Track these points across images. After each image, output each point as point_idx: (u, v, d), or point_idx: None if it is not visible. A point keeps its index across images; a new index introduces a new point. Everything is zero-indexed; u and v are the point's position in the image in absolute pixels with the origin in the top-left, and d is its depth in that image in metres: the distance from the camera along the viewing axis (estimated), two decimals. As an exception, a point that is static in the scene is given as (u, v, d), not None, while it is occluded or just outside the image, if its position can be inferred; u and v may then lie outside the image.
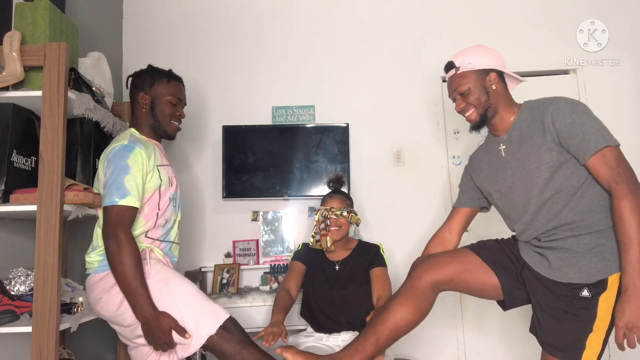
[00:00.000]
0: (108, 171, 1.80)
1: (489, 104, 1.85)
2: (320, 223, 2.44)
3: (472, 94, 1.86)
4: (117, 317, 1.79)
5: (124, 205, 1.75)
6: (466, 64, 1.87)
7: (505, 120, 1.86)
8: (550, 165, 1.69)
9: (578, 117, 1.65)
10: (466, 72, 1.87)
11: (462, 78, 1.88)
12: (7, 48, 1.80)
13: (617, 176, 1.59)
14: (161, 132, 2.03)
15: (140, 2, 3.46)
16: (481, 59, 1.87)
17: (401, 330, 1.81)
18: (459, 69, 1.89)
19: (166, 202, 1.93)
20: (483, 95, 1.85)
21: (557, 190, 1.70)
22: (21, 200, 1.78)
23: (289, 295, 2.33)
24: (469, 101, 1.87)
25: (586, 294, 1.63)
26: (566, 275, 1.66)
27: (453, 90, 1.93)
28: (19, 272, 1.89)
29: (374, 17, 3.46)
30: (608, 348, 3.12)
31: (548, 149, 1.69)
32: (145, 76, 2.01)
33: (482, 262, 1.85)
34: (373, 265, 2.40)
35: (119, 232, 1.71)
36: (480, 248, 1.92)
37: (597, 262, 1.63)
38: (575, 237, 1.67)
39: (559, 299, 1.68)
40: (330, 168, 3.17)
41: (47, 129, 1.77)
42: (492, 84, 1.85)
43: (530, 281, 1.79)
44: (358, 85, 3.39)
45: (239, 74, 3.40)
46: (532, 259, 1.79)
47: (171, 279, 1.81)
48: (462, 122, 3.37)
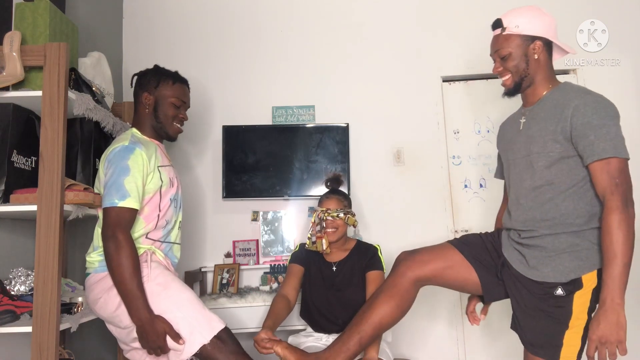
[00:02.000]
0: (108, 172, 1.80)
1: (527, 74, 1.79)
2: (316, 225, 2.43)
3: (511, 60, 1.79)
4: (114, 318, 1.79)
5: (124, 207, 1.75)
6: (513, 26, 1.78)
7: (537, 93, 1.81)
8: (550, 155, 1.68)
9: (597, 120, 1.61)
10: (511, 35, 1.79)
11: (505, 41, 1.80)
12: (7, 48, 1.80)
13: (613, 187, 1.58)
14: (162, 134, 2.02)
15: (140, 2, 3.46)
16: (530, 24, 1.77)
17: (384, 327, 1.86)
18: (504, 30, 1.80)
19: (167, 203, 1.93)
20: (522, 63, 1.78)
21: (548, 182, 1.70)
22: (21, 200, 1.79)
23: (285, 300, 2.32)
24: (507, 66, 1.81)
25: (560, 293, 1.64)
26: (541, 274, 1.68)
27: (495, 51, 1.85)
28: (19, 272, 1.89)
29: (374, 17, 3.46)
30: (608, 348, 3.12)
31: (553, 140, 1.67)
32: (151, 76, 2.00)
33: (464, 258, 1.87)
34: (370, 268, 2.38)
35: (118, 234, 1.71)
36: (462, 244, 1.92)
37: (570, 262, 1.64)
38: (552, 236, 1.69)
39: (535, 297, 1.70)
40: (330, 168, 3.17)
41: (47, 129, 1.78)
42: (534, 53, 1.77)
43: (509, 279, 1.80)
44: (358, 85, 3.39)
45: (239, 74, 3.40)
46: (512, 257, 1.80)
47: (170, 284, 1.81)
48: (462, 122, 3.39)
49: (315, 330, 2.39)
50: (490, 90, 3.33)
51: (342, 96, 3.37)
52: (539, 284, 1.69)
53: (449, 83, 3.43)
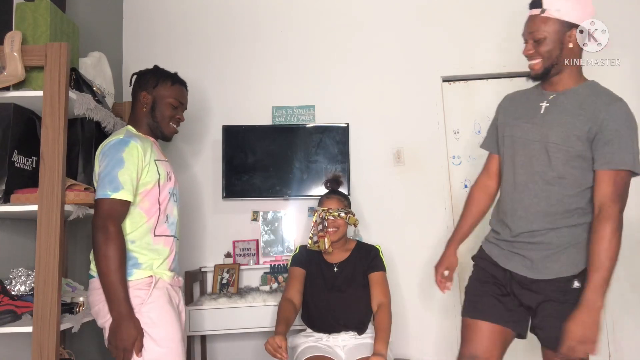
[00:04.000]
0: (102, 164, 1.77)
1: (558, 61, 1.72)
2: (318, 224, 2.43)
3: (545, 45, 1.71)
4: (103, 327, 1.77)
5: (117, 199, 1.72)
6: (554, 9, 1.68)
7: (564, 82, 1.75)
8: (569, 151, 1.66)
9: (626, 130, 1.61)
10: (551, 18, 1.68)
11: (542, 23, 1.70)
12: (8, 48, 1.80)
13: (616, 197, 1.60)
14: (158, 133, 2.02)
15: (140, 2, 3.46)
16: (572, 10, 1.68)
17: None
18: (544, 12, 1.69)
19: (166, 196, 1.91)
20: (557, 49, 1.70)
21: (561, 176, 1.69)
22: (22, 200, 1.79)
23: (291, 304, 2.32)
24: (540, 51, 1.72)
25: (577, 285, 1.65)
26: (553, 271, 1.68)
27: (529, 32, 1.75)
28: (19, 272, 1.89)
29: (374, 17, 3.46)
30: (608, 348, 3.13)
31: (577, 137, 1.65)
32: (150, 76, 2.00)
33: (493, 327, 1.80)
34: (372, 270, 2.39)
35: (109, 225, 1.68)
36: (479, 312, 1.84)
37: (577, 253, 1.66)
38: (554, 231, 1.69)
39: (552, 298, 1.69)
40: (330, 168, 3.17)
41: (48, 129, 1.78)
42: (570, 41, 1.70)
43: (521, 294, 1.77)
44: (358, 85, 3.39)
45: (239, 74, 3.41)
46: (514, 264, 1.78)
47: (161, 324, 1.76)
48: (462, 122, 3.39)
49: (315, 331, 2.39)
50: (490, 90, 3.33)
51: (342, 96, 3.37)
52: (554, 282, 1.68)
53: (449, 83, 3.44)
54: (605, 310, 3.08)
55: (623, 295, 3.13)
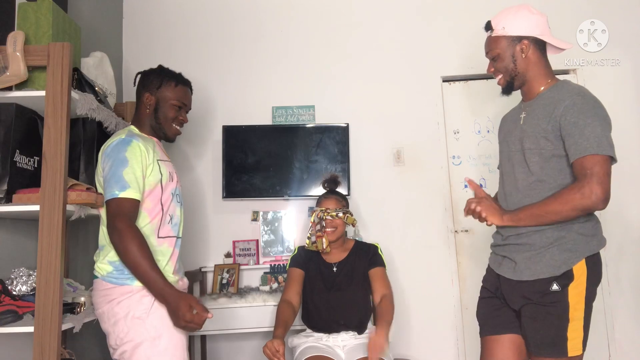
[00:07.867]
0: (107, 166, 1.78)
1: (516, 73, 1.82)
2: (316, 224, 2.43)
3: (500, 61, 1.84)
4: (106, 331, 1.78)
5: (124, 198, 1.72)
6: (500, 28, 1.82)
7: (533, 89, 1.83)
8: (542, 153, 1.71)
9: (583, 119, 1.63)
10: (498, 37, 1.83)
11: (493, 42, 1.85)
12: (11, 48, 1.80)
13: (587, 173, 1.60)
14: (161, 134, 2.01)
15: (140, 2, 3.46)
16: (516, 25, 1.80)
17: None
18: (492, 32, 1.85)
19: (169, 196, 1.91)
20: (510, 63, 1.82)
21: (540, 179, 1.73)
22: (24, 200, 1.78)
23: (290, 306, 2.32)
24: (498, 67, 1.86)
25: (556, 288, 1.66)
26: (534, 272, 1.70)
27: (486, 52, 1.90)
28: (20, 272, 1.89)
29: (374, 17, 3.47)
30: (608, 348, 3.14)
31: (545, 137, 1.70)
32: (154, 77, 1.99)
33: (508, 337, 1.83)
34: (372, 266, 2.40)
35: (119, 223, 1.68)
36: (491, 327, 1.89)
37: (559, 254, 1.67)
38: (538, 232, 1.71)
39: (532, 299, 1.71)
40: (330, 168, 3.18)
41: (50, 128, 1.77)
42: (522, 53, 1.80)
43: (509, 299, 1.81)
44: (358, 85, 3.40)
45: (239, 74, 3.41)
46: (503, 268, 1.82)
47: (163, 337, 1.75)
48: (462, 122, 3.40)
49: (315, 331, 2.39)
50: (490, 90, 3.34)
51: (342, 96, 3.38)
52: (534, 284, 1.70)
53: (449, 83, 3.44)
54: (605, 310, 3.11)
55: (623, 295, 3.14)
